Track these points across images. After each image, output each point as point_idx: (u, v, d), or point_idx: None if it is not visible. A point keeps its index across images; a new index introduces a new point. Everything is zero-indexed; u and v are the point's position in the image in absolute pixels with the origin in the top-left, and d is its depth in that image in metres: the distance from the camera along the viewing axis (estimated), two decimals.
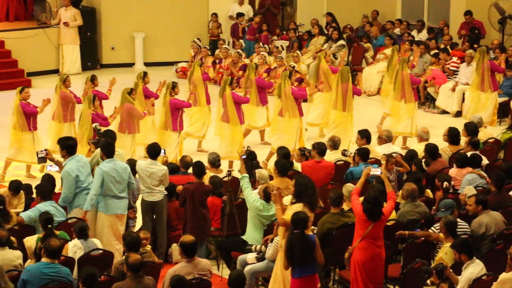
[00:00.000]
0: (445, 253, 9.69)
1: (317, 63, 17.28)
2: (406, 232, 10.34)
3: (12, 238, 9.85)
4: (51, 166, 11.57)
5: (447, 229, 9.83)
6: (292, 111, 14.92)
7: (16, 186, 11.77)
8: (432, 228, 10.31)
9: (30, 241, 9.99)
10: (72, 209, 11.07)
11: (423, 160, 12.44)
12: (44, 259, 9.17)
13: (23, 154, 14.61)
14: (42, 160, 11.74)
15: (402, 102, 16.27)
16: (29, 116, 14.40)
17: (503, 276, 8.77)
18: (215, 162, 12.76)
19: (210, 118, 16.08)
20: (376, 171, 10.37)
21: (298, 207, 9.39)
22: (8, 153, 14.67)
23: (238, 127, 14.99)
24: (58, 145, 11.34)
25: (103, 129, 13.59)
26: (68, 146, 11.18)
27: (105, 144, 11.26)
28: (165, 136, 14.75)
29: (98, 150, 11.55)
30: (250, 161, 12.03)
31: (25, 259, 9.76)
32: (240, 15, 23.49)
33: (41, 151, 11.86)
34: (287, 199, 9.94)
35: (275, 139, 15.26)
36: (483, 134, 14.36)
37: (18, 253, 9.60)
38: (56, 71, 21.85)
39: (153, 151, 11.75)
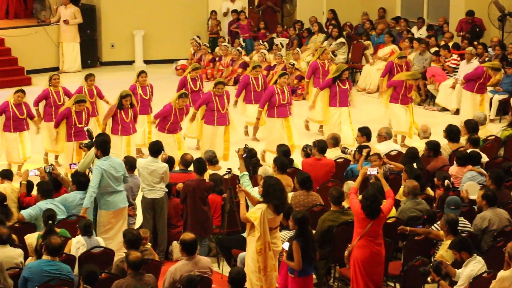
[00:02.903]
0: (445, 251, 9.73)
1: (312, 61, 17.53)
2: (408, 228, 10.36)
3: (13, 236, 9.90)
4: (32, 170, 11.65)
5: (449, 227, 9.86)
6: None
7: None
8: (434, 225, 10.33)
9: (31, 239, 10.01)
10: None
11: (414, 164, 12.35)
12: (45, 257, 9.20)
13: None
14: (49, 175, 11.74)
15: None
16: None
17: (502, 273, 8.81)
18: (212, 159, 12.78)
19: None
20: (372, 170, 10.43)
21: (262, 207, 9.42)
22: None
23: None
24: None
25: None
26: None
27: (102, 142, 11.33)
28: (162, 138, 14.71)
29: (91, 151, 11.56)
30: (249, 158, 12.06)
31: (26, 256, 9.79)
32: (233, 12, 23.54)
33: (49, 165, 11.88)
34: (256, 190, 10.04)
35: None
36: (484, 132, 14.40)
37: (19, 251, 9.63)
38: (56, 69, 21.85)
39: (154, 148, 11.79)
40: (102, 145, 11.20)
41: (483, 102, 17.03)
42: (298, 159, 13.21)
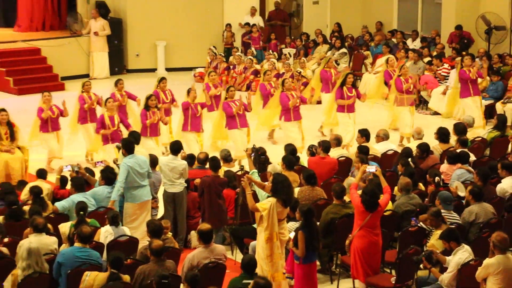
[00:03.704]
0: (436, 240, 9.74)
1: (318, 69, 17.45)
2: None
3: (49, 226, 9.94)
4: (66, 166, 11.75)
5: (438, 218, 9.89)
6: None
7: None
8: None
9: (64, 228, 10.07)
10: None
11: (409, 159, 12.33)
12: (76, 244, 9.25)
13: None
14: (76, 174, 11.78)
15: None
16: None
17: (487, 261, 8.81)
18: (227, 157, 12.78)
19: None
20: (371, 168, 10.44)
21: (272, 200, 9.39)
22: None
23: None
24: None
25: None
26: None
27: (127, 142, 11.37)
28: (184, 136, 14.72)
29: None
30: (259, 156, 12.05)
31: (59, 244, 9.83)
32: (246, 24, 23.56)
33: (76, 165, 11.90)
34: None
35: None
36: (471, 134, 14.40)
37: (54, 239, 9.69)
38: (86, 76, 21.93)
39: (175, 147, 11.82)
40: (127, 145, 11.26)
41: (481, 102, 16.91)
42: (304, 157, 13.21)
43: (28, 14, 22.98)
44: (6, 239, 9.70)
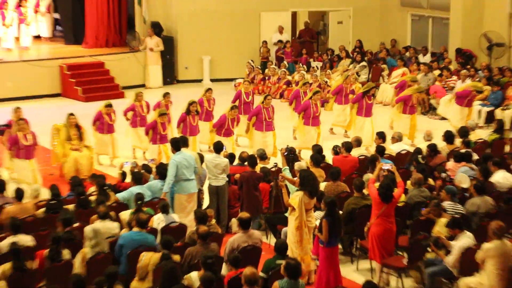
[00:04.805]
0: (440, 227, 9.75)
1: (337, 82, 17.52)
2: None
3: (112, 213, 10.09)
4: (126, 163, 11.96)
5: (439, 208, 9.96)
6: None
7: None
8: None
9: (125, 215, 10.21)
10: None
11: (419, 156, 12.33)
12: (135, 229, 9.38)
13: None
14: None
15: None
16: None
17: (486, 245, 8.82)
18: (262, 155, 12.82)
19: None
20: (386, 165, 10.45)
21: (300, 194, 9.47)
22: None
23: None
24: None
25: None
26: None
27: (174, 141, 11.45)
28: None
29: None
30: (288, 154, 12.10)
31: (121, 228, 9.96)
32: (279, 41, 23.62)
33: (133, 162, 12.02)
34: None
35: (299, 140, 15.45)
36: (474, 136, 14.33)
37: (116, 224, 9.84)
38: (142, 85, 22.14)
39: (217, 147, 11.92)
40: (174, 144, 11.37)
41: (470, 113, 16.99)
42: (329, 156, 13.23)
43: (94, 33, 23.28)
44: (76, 224, 9.89)
